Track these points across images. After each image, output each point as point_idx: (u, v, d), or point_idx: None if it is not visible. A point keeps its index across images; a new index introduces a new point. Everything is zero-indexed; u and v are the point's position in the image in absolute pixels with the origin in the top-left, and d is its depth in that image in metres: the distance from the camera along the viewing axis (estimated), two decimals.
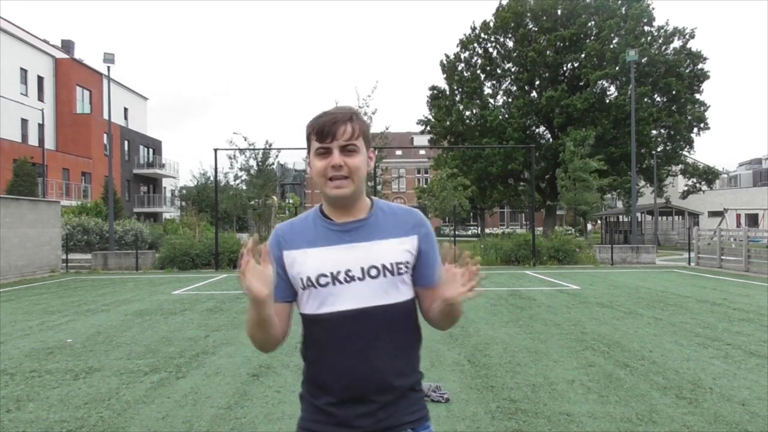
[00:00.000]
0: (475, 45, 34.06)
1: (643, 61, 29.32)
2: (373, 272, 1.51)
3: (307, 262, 1.53)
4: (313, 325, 1.54)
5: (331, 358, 1.52)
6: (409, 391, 1.55)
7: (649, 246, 21.65)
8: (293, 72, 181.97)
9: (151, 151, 46.36)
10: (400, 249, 1.54)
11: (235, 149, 25.31)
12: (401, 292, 1.54)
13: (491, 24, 33.27)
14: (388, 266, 1.52)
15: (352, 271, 1.51)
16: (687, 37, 31.87)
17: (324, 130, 1.49)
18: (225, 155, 29.15)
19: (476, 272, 1.40)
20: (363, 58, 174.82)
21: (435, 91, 35.14)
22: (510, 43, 33.73)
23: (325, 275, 1.51)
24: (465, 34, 34.58)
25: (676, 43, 32.08)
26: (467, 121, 33.19)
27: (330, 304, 1.51)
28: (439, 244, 1.63)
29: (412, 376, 1.57)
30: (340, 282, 1.51)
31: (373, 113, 23.88)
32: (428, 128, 35.53)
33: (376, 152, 22.11)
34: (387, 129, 24.00)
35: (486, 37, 33.81)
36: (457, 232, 23.85)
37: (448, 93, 34.64)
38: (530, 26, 33.02)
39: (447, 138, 34.72)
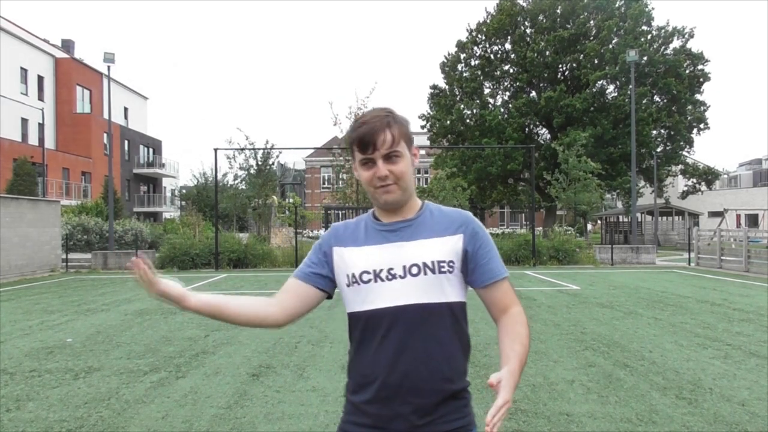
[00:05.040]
0: (473, 47, 34.06)
1: (642, 61, 29.32)
2: (414, 270, 1.51)
3: (353, 259, 1.56)
4: (355, 322, 1.57)
5: (370, 355, 1.52)
6: (451, 398, 1.52)
7: (649, 246, 21.66)
8: (293, 72, 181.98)
9: (151, 150, 46.37)
10: (443, 248, 1.54)
11: (236, 149, 25.30)
12: (445, 292, 1.52)
13: (484, 29, 33.28)
14: (429, 264, 1.51)
15: (394, 269, 1.52)
16: (686, 37, 31.87)
17: (365, 141, 1.50)
18: (225, 156, 29.15)
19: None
20: (363, 58, 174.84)
21: (435, 90, 35.13)
22: (507, 45, 33.72)
23: (368, 272, 1.53)
24: (464, 37, 34.58)
25: (676, 43, 32.09)
26: (467, 120, 33.19)
27: (371, 301, 1.52)
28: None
29: (456, 382, 1.53)
30: (382, 279, 1.52)
31: None
32: (428, 125, 35.48)
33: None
34: None
35: (482, 39, 33.80)
36: None
37: (448, 93, 34.64)
38: (527, 27, 33.00)
39: (447, 137, 34.71)
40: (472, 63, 34.25)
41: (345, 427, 1.57)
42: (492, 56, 33.82)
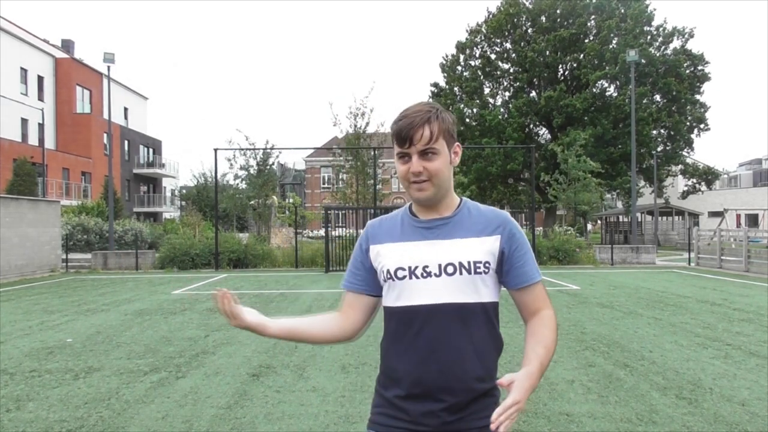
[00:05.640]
0: (473, 47, 34.06)
1: (642, 61, 29.32)
2: (450, 269, 1.52)
3: (388, 255, 1.57)
4: (390, 317, 1.58)
5: (403, 351, 1.53)
6: (482, 396, 1.53)
7: (649, 246, 21.65)
8: (293, 72, 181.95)
9: (151, 150, 46.37)
10: (480, 248, 1.54)
11: (236, 149, 25.30)
12: (479, 292, 1.53)
13: (483, 29, 33.28)
14: (466, 264, 1.51)
15: (430, 267, 1.52)
16: (686, 37, 31.87)
17: (402, 135, 1.50)
18: (225, 157, 29.15)
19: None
20: (363, 57, 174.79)
21: (436, 89, 35.13)
22: (507, 45, 33.72)
23: (402, 268, 1.54)
24: (464, 38, 34.58)
25: (676, 43, 32.09)
26: (467, 120, 33.19)
27: (406, 297, 1.53)
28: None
29: (487, 381, 1.54)
30: (417, 276, 1.53)
31: (371, 111, 23.85)
32: None
33: (374, 152, 22.13)
34: (382, 125, 23.96)
35: (482, 39, 33.80)
36: None
37: (448, 92, 34.65)
38: (527, 27, 33.00)
39: None
40: (472, 63, 34.25)
41: (377, 419, 1.58)
42: (492, 55, 33.83)
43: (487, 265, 1.53)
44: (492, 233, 1.56)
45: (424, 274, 1.52)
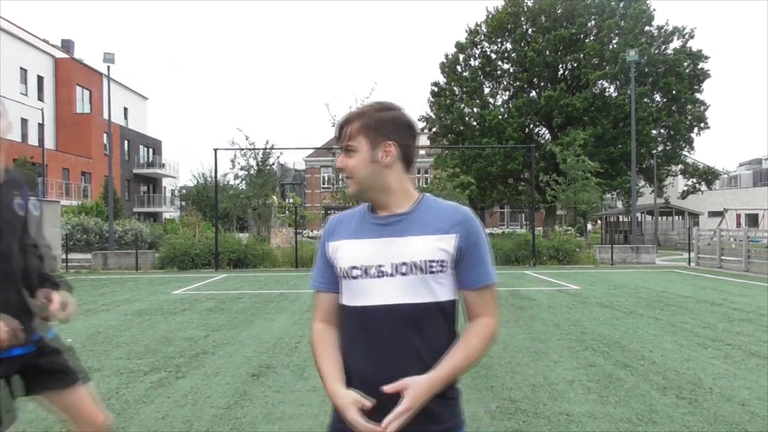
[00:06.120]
0: (473, 47, 34.07)
1: (642, 60, 29.33)
2: (404, 269, 1.48)
3: (344, 252, 1.54)
4: (346, 316, 1.55)
5: (357, 352, 1.51)
6: (440, 398, 1.47)
7: (649, 246, 21.67)
8: (293, 72, 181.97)
9: (151, 150, 46.39)
10: (435, 246, 1.48)
11: (236, 149, 25.28)
12: (434, 292, 1.49)
13: (483, 28, 33.30)
14: (419, 264, 1.47)
15: (384, 267, 1.49)
16: (687, 36, 31.87)
17: (336, 132, 1.57)
18: (226, 157, 29.17)
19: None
20: (363, 57, 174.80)
21: (437, 88, 35.13)
22: (507, 45, 33.73)
23: (356, 267, 1.51)
24: (464, 37, 34.59)
25: (676, 43, 32.08)
26: (467, 119, 33.20)
27: (360, 297, 1.50)
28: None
29: None
30: (371, 276, 1.49)
31: None
32: (429, 126, 35.50)
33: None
34: None
35: (482, 39, 33.80)
36: None
37: (448, 92, 34.65)
38: (527, 27, 33.01)
39: (447, 137, 34.71)
40: (472, 63, 34.26)
41: (337, 427, 1.53)
42: (492, 55, 33.83)
43: (442, 263, 1.48)
44: (449, 231, 1.50)
45: (379, 274, 1.48)
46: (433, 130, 35.09)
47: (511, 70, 33.67)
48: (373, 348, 1.48)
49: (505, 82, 34.66)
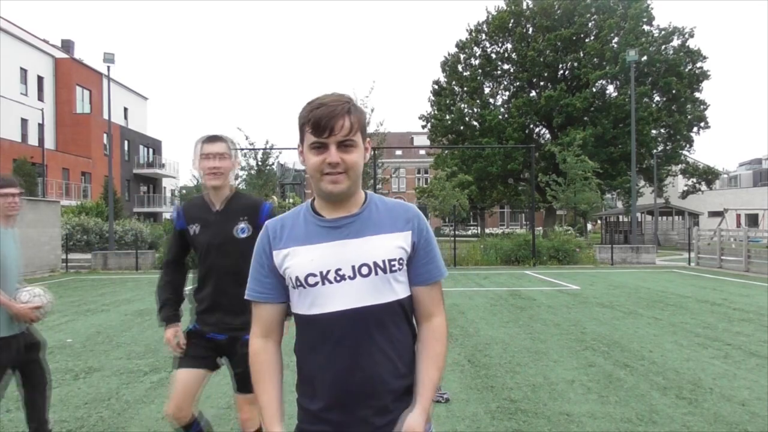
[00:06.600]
0: (474, 46, 34.08)
1: (642, 60, 29.33)
2: (365, 270, 1.44)
3: (295, 261, 1.46)
4: (304, 325, 1.49)
5: (324, 361, 1.46)
6: (406, 394, 1.49)
7: (649, 246, 21.65)
8: (293, 72, 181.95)
9: (151, 150, 46.37)
10: (392, 245, 1.47)
11: (236, 149, 25.26)
12: (395, 290, 1.47)
13: (485, 27, 33.32)
14: (380, 264, 1.45)
15: (343, 270, 1.44)
16: (686, 36, 31.89)
17: (321, 124, 1.41)
18: None
19: None
20: (364, 57, 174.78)
21: (438, 86, 35.14)
22: (508, 45, 33.74)
23: (314, 274, 1.45)
24: (461, 40, 34.61)
25: (676, 42, 32.09)
26: (467, 119, 33.22)
27: (320, 304, 1.45)
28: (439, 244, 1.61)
29: (409, 376, 1.50)
30: (330, 281, 1.44)
31: (372, 111, 23.80)
32: (429, 125, 35.50)
33: (374, 152, 22.10)
34: (381, 124, 23.95)
35: (482, 38, 33.81)
36: (457, 232, 23.83)
37: (448, 92, 34.67)
38: (528, 27, 33.02)
39: (447, 137, 34.72)
40: (473, 62, 34.27)
41: None
42: (493, 55, 33.84)
43: (401, 261, 1.48)
44: (402, 228, 1.50)
45: (338, 278, 1.44)
46: (434, 129, 35.04)
47: (512, 70, 33.70)
48: (338, 354, 1.44)
49: (505, 82, 34.69)
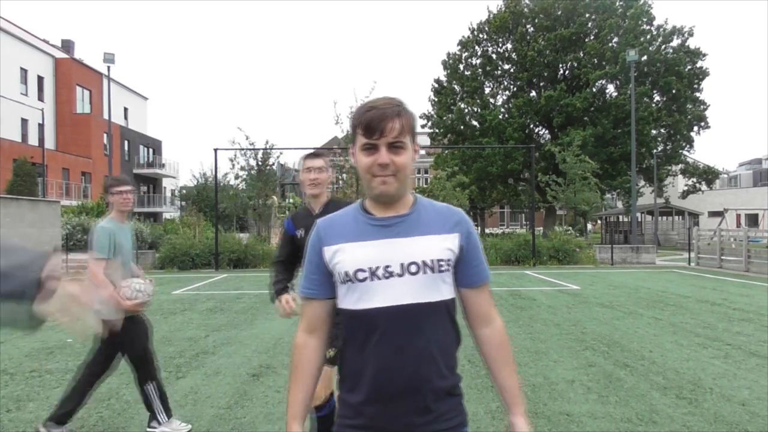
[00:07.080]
0: (475, 46, 34.08)
1: (642, 60, 29.32)
2: (413, 268, 1.48)
3: (345, 256, 1.50)
4: (351, 320, 1.52)
5: (368, 356, 1.48)
6: (447, 395, 1.51)
7: (649, 246, 21.65)
8: (293, 71, 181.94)
9: (151, 151, 46.39)
10: (441, 246, 1.51)
11: (236, 149, 25.27)
12: (441, 291, 1.51)
13: (486, 27, 33.33)
14: (429, 263, 1.48)
15: (391, 267, 1.48)
16: (686, 35, 31.87)
17: (372, 126, 1.46)
18: (226, 157, 29.17)
19: None
20: (364, 57, 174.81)
21: (439, 85, 35.13)
22: (508, 44, 33.74)
23: (363, 270, 1.48)
24: (464, 36, 34.63)
25: (675, 42, 32.07)
26: (467, 119, 33.21)
27: (368, 299, 1.48)
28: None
29: (451, 378, 1.53)
30: (378, 277, 1.47)
31: None
32: (430, 124, 35.49)
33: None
34: None
35: (483, 38, 33.82)
36: None
37: (449, 91, 34.66)
38: (528, 26, 33.02)
39: (447, 137, 34.71)
40: (473, 62, 34.27)
41: (341, 431, 1.54)
42: (493, 55, 33.84)
43: (448, 263, 1.51)
44: (451, 230, 1.54)
45: (386, 275, 1.47)
46: (435, 128, 35.03)
47: (512, 70, 33.68)
48: (382, 349, 1.47)
49: (505, 82, 34.67)
